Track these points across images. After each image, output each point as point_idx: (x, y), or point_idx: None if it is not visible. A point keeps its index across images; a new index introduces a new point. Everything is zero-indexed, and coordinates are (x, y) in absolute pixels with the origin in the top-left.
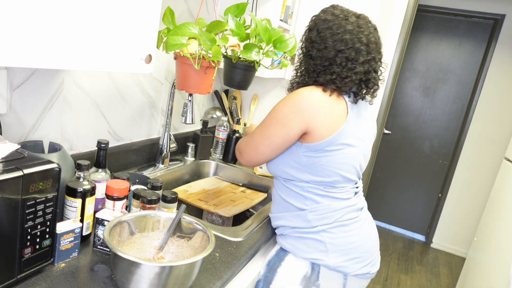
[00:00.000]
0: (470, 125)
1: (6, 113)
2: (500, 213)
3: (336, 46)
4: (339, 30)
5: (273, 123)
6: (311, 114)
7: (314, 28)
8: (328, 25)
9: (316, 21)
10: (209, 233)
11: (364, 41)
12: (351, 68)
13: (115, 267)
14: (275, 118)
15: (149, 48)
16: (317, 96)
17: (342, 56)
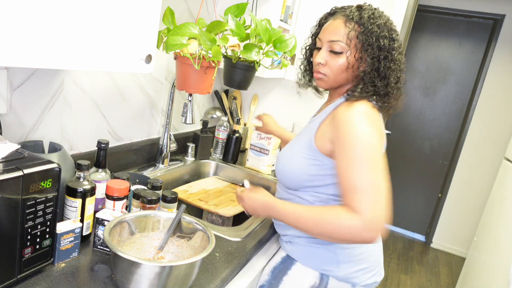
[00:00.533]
0: (470, 125)
1: (6, 113)
2: (500, 213)
3: (398, 63)
4: (399, 45)
5: (367, 151)
6: (382, 129)
7: (387, 34)
8: (397, 36)
9: (391, 28)
10: (209, 233)
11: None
12: (398, 88)
13: (115, 267)
14: (365, 162)
15: (149, 48)
16: (377, 114)
17: (397, 76)
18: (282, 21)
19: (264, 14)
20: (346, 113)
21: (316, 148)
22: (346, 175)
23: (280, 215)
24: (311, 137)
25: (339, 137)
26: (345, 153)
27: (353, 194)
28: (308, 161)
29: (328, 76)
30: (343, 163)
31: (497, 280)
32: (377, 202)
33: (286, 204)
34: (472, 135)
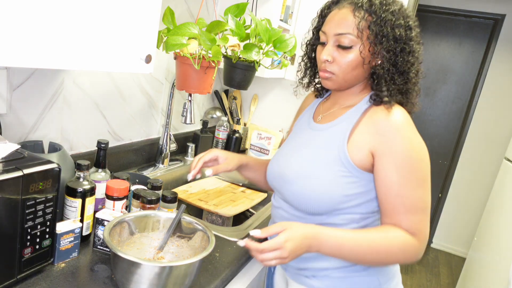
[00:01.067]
0: (470, 125)
1: (6, 113)
2: (500, 213)
3: (417, 54)
4: (416, 34)
5: (420, 184)
6: None
7: (403, 22)
8: (414, 24)
9: (407, 14)
10: (209, 233)
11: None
12: (416, 83)
13: (115, 267)
14: (421, 179)
15: (149, 48)
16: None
17: (416, 69)
18: (282, 21)
19: (264, 14)
20: (393, 122)
21: (351, 162)
22: (398, 193)
23: (329, 247)
24: (341, 149)
25: (390, 150)
26: (398, 168)
27: (408, 214)
28: (343, 179)
29: (337, 75)
30: (394, 179)
31: (497, 280)
32: (428, 221)
33: (334, 230)
34: (472, 135)
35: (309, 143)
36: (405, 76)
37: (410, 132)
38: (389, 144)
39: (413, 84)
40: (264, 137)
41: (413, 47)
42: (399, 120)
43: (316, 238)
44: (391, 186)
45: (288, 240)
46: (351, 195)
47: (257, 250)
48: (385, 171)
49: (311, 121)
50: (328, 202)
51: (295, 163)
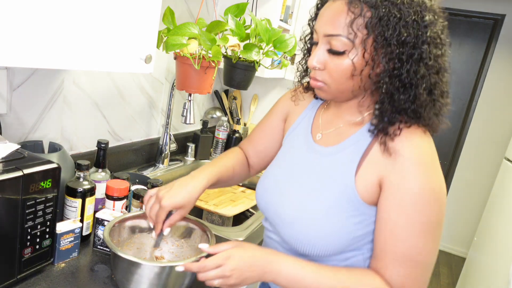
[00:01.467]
0: (470, 125)
1: (6, 113)
2: (500, 213)
3: (434, 62)
4: (438, 31)
5: (432, 232)
6: None
7: (415, 18)
8: (434, 18)
9: (423, 5)
10: (209, 233)
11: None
12: (434, 100)
13: (115, 267)
14: (426, 227)
15: (149, 48)
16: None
17: (430, 81)
18: (282, 21)
19: (264, 14)
20: (414, 151)
21: (360, 199)
22: (392, 234)
23: (286, 278)
24: (349, 184)
25: (399, 182)
26: (401, 205)
27: (396, 262)
28: (352, 219)
29: (329, 85)
30: (392, 216)
31: (497, 280)
32: (422, 280)
33: (295, 261)
34: (472, 135)
35: (309, 173)
36: (413, 92)
37: (432, 169)
38: (400, 175)
39: (424, 102)
40: None
41: (425, 52)
42: (421, 151)
43: (270, 265)
44: (386, 224)
45: (230, 258)
46: (360, 236)
47: (199, 268)
48: (385, 205)
49: (310, 138)
50: (334, 247)
51: (294, 200)
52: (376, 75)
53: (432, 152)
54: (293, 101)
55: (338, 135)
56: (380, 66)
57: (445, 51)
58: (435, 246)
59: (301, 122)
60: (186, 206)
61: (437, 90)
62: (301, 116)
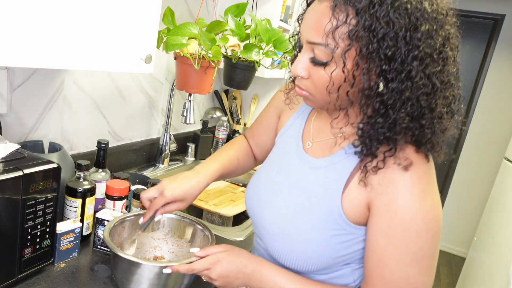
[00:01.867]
0: (470, 125)
1: (6, 113)
2: (500, 213)
3: (434, 78)
4: (443, 39)
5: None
6: None
7: (408, 26)
8: (435, 23)
9: (424, 9)
10: (209, 233)
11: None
12: (435, 119)
13: (115, 267)
14: (417, 255)
15: (149, 48)
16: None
17: (428, 101)
18: (282, 21)
19: (264, 14)
20: (406, 173)
21: (346, 219)
22: (381, 261)
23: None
24: (335, 202)
25: (388, 206)
26: (390, 231)
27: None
28: (336, 238)
29: (314, 96)
30: (381, 242)
31: (497, 280)
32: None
33: (279, 272)
34: (472, 135)
35: (296, 185)
36: (393, 116)
37: (426, 192)
38: (389, 198)
39: (413, 128)
40: None
41: (414, 70)
42: (414, 172)
43: (255, 273)
44: (374, 250)
45: (219, 262)
46: (345, 255)
47: (186, 270)
48: (374, 230)
49: (300, 144)
50: (317, 263)
51: (280, 213)
52: (355, 93)
53: (427, 177)
54: (287, 104)
55: (328, 147)
56: (360, 83)
57: (447, 66)
58: (428, 279)
59: (293, 124)
60: (186, 199)
61: (429, 114)
62: (293, 117)
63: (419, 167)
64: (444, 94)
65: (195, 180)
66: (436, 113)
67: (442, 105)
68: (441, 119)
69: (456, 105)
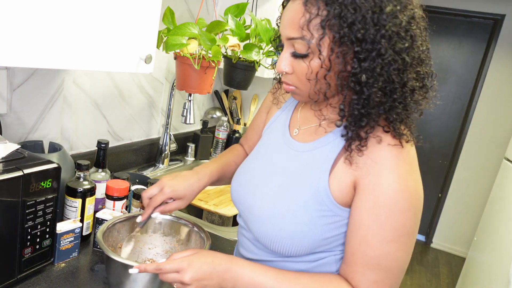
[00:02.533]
0: (470, 125)
1: (6, 113)
2: (500, 213)
3: (402, 55)
4: (408, 20)
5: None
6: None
7: (375, 10)
8: (402, 6)
9: (394, 6)
10: (204, 234)
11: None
12: (426, 88)
13: (109, 271)
14: (399, 232)
15: (149, 48)
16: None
17: (401, 76)
18: None
19: (264, 14)
20: (390, 153)
21: (333, 199)
22: (364, 239)
23: (245, 285)
24: (322, 183)
25: (373, 185)
26: (374, 209)
27: (365, 268)
28: (322, 219)
29: (300, 89)
30: (365, 220)
31: (497, 280)
32: (394, 286)
33: (254, 267)
34: (472, 135)
35: (283, 169)
36: (367, 92)
37: (409, 172)
38: (375, 177)
39: (386, 102)
40: None
41: (383, 48)
42: (398, 152)
43: (229, 271)
44: (358, 228)
45: (190, 265)
46: (332, 237)
47: (155, 270)
48: (359, 209)
49: (287, 132)
50: (304, 246)
51: (267, 196)
52: (332, 77)
53: (409, 158)
54: (275, 104)
55: (315, 132)
56: (336, 67)
57: (416, 43)
58: (407, 255)
59: (279, 116)
60: (185, 197)
61: (401, 89)
62: (279, 111)
63: (402, 148)
64: (415, 69)
65: (195, 178)
66: (408, 87)
67: (414, 80)
68: (413, 93)
69: (429, 81)
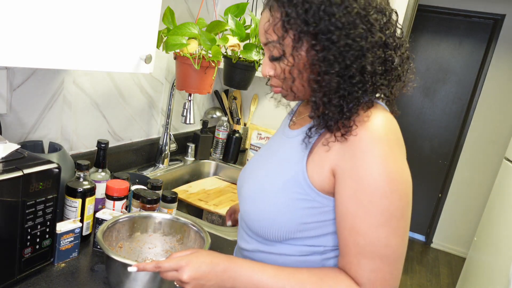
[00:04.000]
0: (470, 125)
1: (6, 113)
2: (500, 213)
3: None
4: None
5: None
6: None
7: (351, 7)
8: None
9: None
10: (203, 233)
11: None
12: (391, 61)
13: (109, 270)
14: (387, 216)
15: (149, 48)
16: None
17: (376, 44)
18: None
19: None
20: (366, 133)
21: (310, 183)
22: (353, 228)
23: (244, 284)
24: (300, 166)
25: (351, 170)
26: (357, 195)
27: (360, 257)
28: (299, 203)
29: (285, 89)
30: (351, 208)
31: (497, 280)
32: (391, 275)
33: (252, 265)
34: (472, 135)
35: (274, 154)
36: (328, 74)
37: (387, 150)
38: (352, 162)
39: (344, 88)
40: (264, 137)
41: (338, 33)
42: (375, 131)
43: (227, 271)
44: (345, 217)
45: (189, 264)
46: (310, 224)
47: (154, 268)
48: (341, 197)
49: (287, 124)
50: (282, 228)
51: (254, 179)
52: (299, 73)
53: (388, 136)
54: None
55: (303, 121)
56: (301, 64)
57: (374, 27)
58: (401, 239)
59: (292, 111)
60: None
61: (359, 75)
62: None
63: (386, 127)
64: (376, 54)
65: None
66: (368, 71)
67: (376, 64)
68: (375, 76)
69: (406, 64)
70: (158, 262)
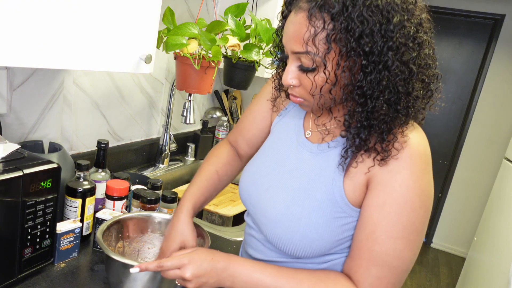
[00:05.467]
0: (470, 125)
1: (6, 113)
2: (500, 213)
3: (405, 66)
4: (415, 27)
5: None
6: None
7: (382, 20)
8: (410, 15)
9: (394, 3)
10: (204, 233)
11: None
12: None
13: (109, 270)
14: (408, 230)
15: (149, 48)
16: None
17: (407, 85)
18: None
19: (264, 14)
20: (408, 149)
21: (348, 201)
22: (372, 235)
23: (243, 283)
24: (337, 185)
25: (386, 182)
26: (385, 206)
27: (370, 263)
28: (337, 221)
29: (308, 101)
30: (375, 217)
31: (497, 280)
32: (394, 286)
33: (251, 264)
34: (472, 135)
35: (298, 170)
36: (372, 104)
37: (423, 167)
38: (390, 176)
39: (390, 113)
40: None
41: (391, 60)
42: (415, 149)
43: (227, 269)
44: (367, 223)
45: (191, 262)
46: (343, 239)
47: (156, 268)
48: (369, 205)
49: (301, 132)
50: (318, 248)
51: (280, 198)
52: (337, 91)
53: (425, 156)
54: (274, 112)
55: (329, 133)
56: (342, 81)
57: (423, 50)
58: (413, 254)
59: (290, 110)
60: (187, 245)
61: (405, 98)
62: (291, 104)
63: (424, 146)
64: (421, 77)
65: (180, 227)
66: (413, 96)
67: (419, 88)
68: (416, 101)
69: (434, 84)
70: (161, 261)
